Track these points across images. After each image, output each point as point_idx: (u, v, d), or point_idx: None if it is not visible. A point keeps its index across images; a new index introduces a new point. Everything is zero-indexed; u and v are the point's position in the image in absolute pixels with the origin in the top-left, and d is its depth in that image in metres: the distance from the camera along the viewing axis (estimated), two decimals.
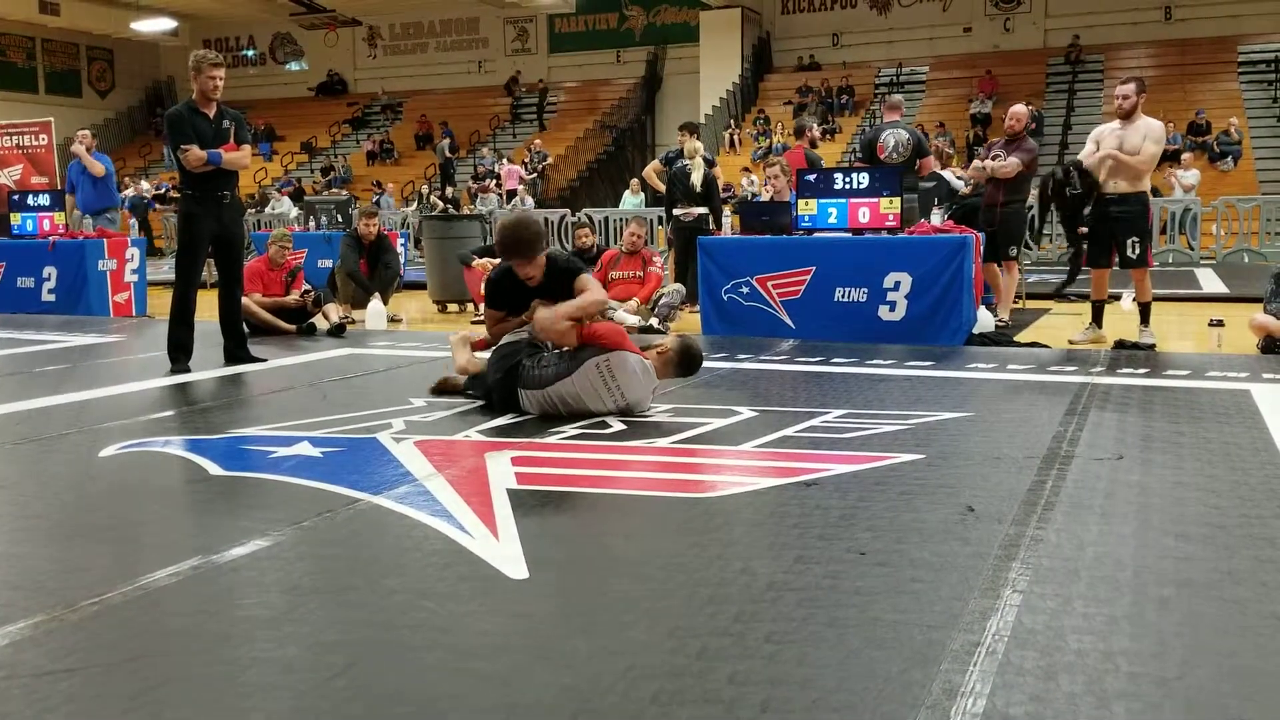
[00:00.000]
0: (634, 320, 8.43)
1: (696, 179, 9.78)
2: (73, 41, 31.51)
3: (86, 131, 11.88)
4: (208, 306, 6.98)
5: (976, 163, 8.60)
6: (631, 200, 19.48)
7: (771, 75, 27.64)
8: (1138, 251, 7.17)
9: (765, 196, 10.59)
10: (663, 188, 10.43)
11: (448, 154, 25.74)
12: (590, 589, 2.75)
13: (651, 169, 11.29)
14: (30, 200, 11.12)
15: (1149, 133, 7.11)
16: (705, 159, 10.17)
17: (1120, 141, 7.12)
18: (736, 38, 26.61)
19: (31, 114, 17.82)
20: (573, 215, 18.23)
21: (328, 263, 11.11)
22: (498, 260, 9.92)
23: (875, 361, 6.44)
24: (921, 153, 8.74)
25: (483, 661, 2.28)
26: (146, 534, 3.29)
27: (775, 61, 27.99)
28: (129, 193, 20.96)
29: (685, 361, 5.21)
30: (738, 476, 3.82)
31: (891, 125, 8.84)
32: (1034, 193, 8.97)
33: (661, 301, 8.54)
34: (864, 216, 7.59)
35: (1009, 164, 8.20)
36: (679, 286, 8.93)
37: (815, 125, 12.18)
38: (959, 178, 10.12)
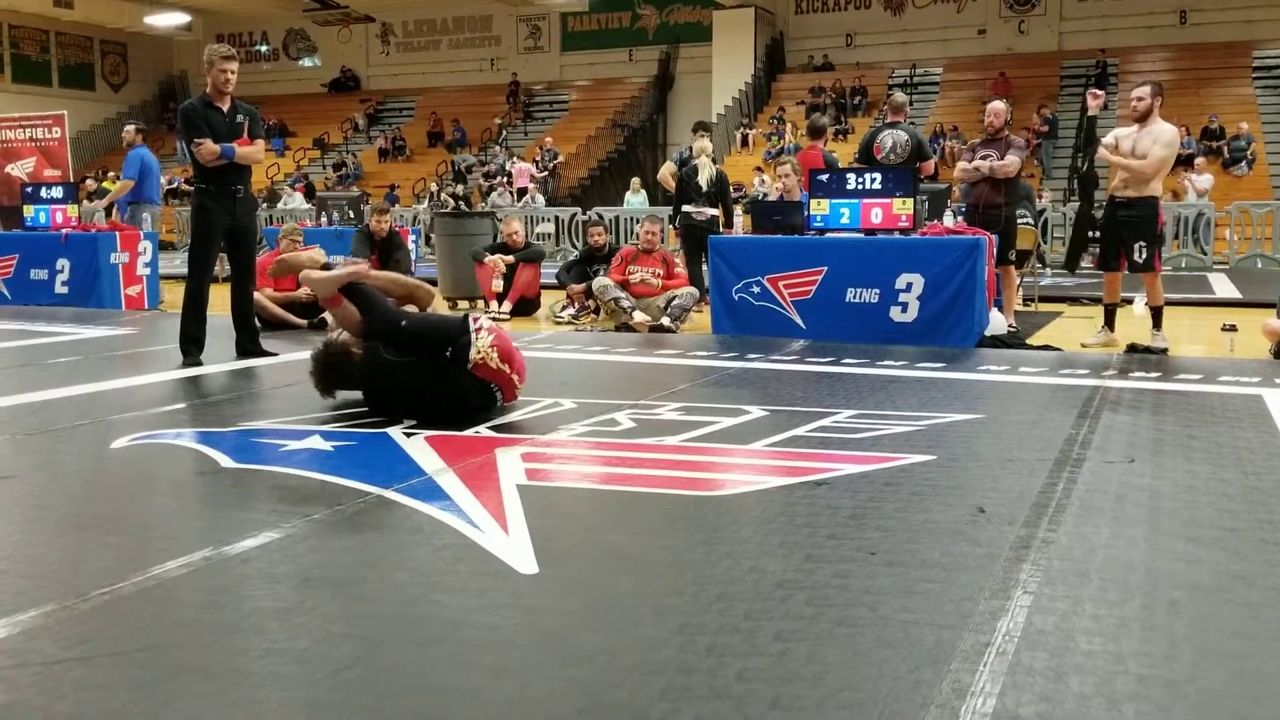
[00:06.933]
0: (644, 318, 8.51)
1: (703, 179, 9.78)
2: (86, 35, 31.62)
3: (131, 127, 11.93)
4: (220, 300, 7.00)
5: (964, 164, 8.18)
6: (634, 200, 19.53)
7: (784, 75, 27.60)
8: (1144, 256, 7.14)
9: (775, 195, 10.59)
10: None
11: (470, 160, 25.89)
12: (600, 585, 2.75)
13: (666, 170, 11.29)
14: (43, 193, 11.17)
15: (1158, 137, 7.08)
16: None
17: (1134, 145, 7.11)
18: (749, 37, 26.57)
19: (45, 107, 17.85)
20: (584, 214, 18.28)
21: (339, 258, 11.12)
22: (510, 257, 10.01)
23: (886, 362, 6.43)
24: (923, 155, 8.62)
25: (492, 655, 2.28)
26: (158, 525, 3.30)
27: (788, 61, 27.94)
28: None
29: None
30: (748, 475, 3.82)
31: (891, 126, 8.75)
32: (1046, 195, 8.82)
33: (675, 303, 8.64)
34: (876, 217, 7.58)
35: (1010, 163, 7.87)
36: (693, 290, 8.97)
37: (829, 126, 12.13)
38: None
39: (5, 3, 27.51)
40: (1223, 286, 12.21)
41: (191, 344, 6.66)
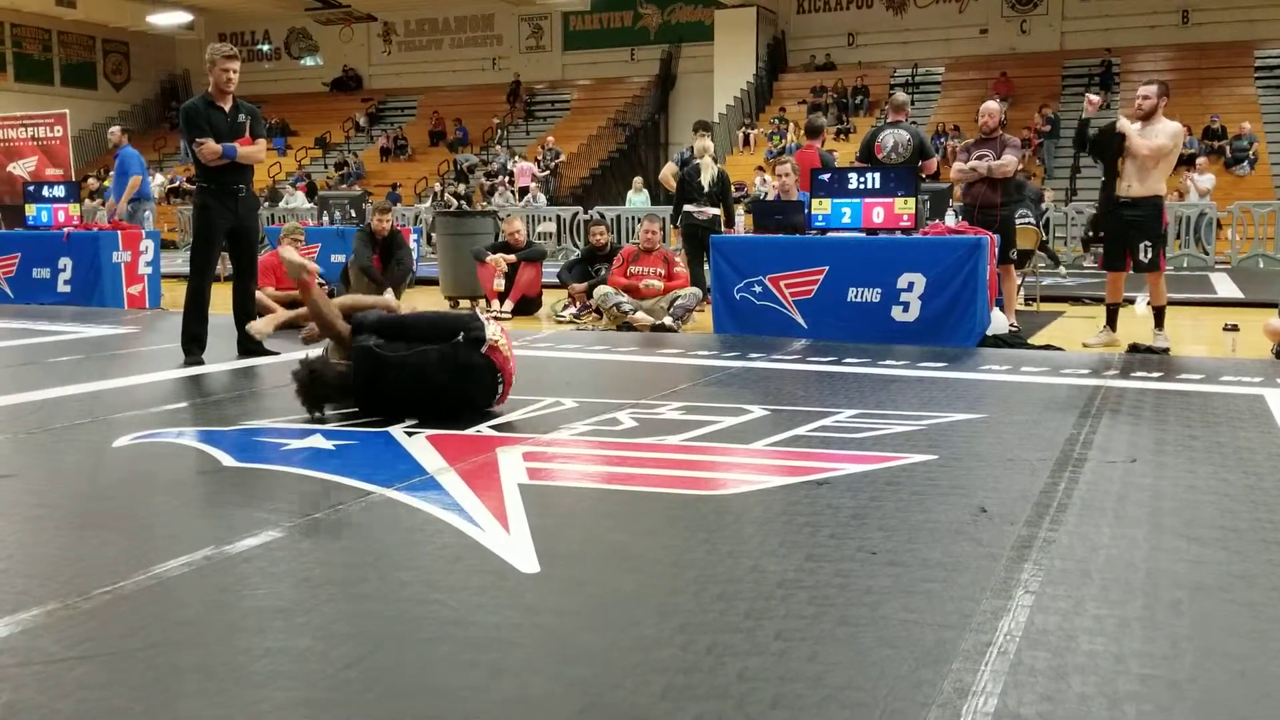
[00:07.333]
0: (646, 319, 8.51)
1: (705, 179, 9.76)
2: (89, 34, 31.65)
3: (116, 128, 11.96)
4: (221, 299, 7.01)
5: (960, 165, 8.20)
6: (636, 199, 19.55)
7: (786, 75, 27.59)
8: (1149, 255, 7.15)
9: (772, 194, 10.57)
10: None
11: (472, 160, 25.92)
12: (601, 584, 2.75)
13: (668, 171, 11.28)
14: (45, 191, 11.18)
15: (1160, 132, 7.09)
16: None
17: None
18: (751, 37, 26.57)
19: (47, 106, 17.87)
20: (585, 213, 18.28)
21: (341, 257, 11.13)
22: (511, 256, 10.01)
23: (888, 362, 6.43)
24: (925, 154, 8.60)
25: (494, 654, 2.28)
26: (159, 524, 3.30)
27: (790, 61, 27.94)
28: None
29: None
30: (749, 475, 3.82)
31: (893, 125, 8.74)
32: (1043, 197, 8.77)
33: (678, 303, 8.66)
34: (878, 217, 7.57)
35: (1007, 162, 7.90)
36: (696, 290, 8.97)
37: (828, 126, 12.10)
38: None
39: (8, 1, 27.52)
40: (1224, 286, 12.20)
41: (193, 343, 6.67)
